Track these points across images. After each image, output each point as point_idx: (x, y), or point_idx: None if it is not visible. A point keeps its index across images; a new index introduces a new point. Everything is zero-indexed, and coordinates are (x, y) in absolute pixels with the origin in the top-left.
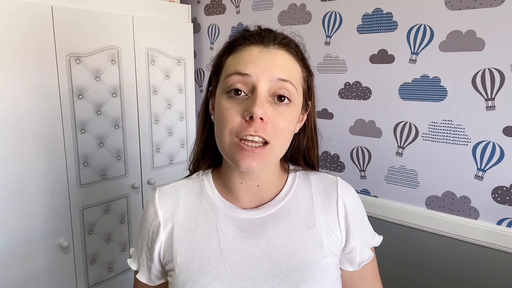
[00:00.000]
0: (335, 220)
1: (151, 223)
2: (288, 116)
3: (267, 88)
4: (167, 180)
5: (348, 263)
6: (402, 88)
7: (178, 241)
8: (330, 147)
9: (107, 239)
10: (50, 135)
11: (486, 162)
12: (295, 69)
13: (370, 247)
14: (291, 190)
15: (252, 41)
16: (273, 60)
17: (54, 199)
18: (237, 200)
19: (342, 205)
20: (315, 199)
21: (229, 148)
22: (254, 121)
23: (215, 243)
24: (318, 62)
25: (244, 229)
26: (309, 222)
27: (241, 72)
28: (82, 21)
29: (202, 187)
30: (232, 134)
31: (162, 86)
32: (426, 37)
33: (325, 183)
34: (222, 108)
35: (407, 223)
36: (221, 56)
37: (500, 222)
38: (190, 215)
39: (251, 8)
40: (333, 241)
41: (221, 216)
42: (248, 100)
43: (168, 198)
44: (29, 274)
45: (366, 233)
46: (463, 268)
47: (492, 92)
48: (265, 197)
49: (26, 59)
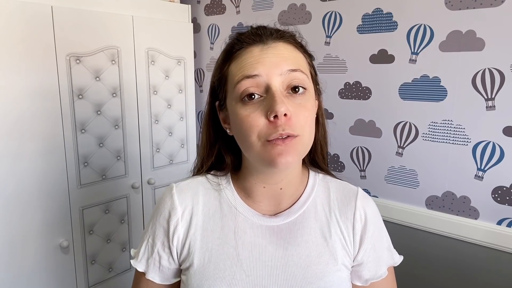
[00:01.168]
0: (350, 233)
1: (168, 218)
2: (308, 104)
3: (280, 82)
4: (167, 180)
5: (355, 277)
6: (402, 88)
7: (195, 241)
8: (330, 147)
9: (107, 239)
10: (50, 135)
11: (486, 162)
12: (299, 57)
13: (386, 265)
14: (310, 197)
15: (250, 41)
16: (277, 54)
17: (54, 199)
18: (255, 204)
19: (359, 218)
20: (332, 209)
21: (261, 151)
22: (279, 119)
23: (232, 248)
24: (318, 62)
25: (262, 236)
26: (326, 233)
27: (250, 75)
28: (82, 21)
29: (221, 189)
30: (261, 137)
31: (162, 86)
32: (426, 37)
33: (344, 193)
34: (242, 116)
35: (407, 223)
36: (221, 67)
37: (500, 222)
38: (209, 215)
39: (251, 8)
40: (346, 254)
41: (240, 220)
42: (266, 100)
43: (187, 195)
44: (29, 274)
45: (382, 250)
46: (463, 268)
47: (492, 92)
48: (284, 202)
49: (26, 59)
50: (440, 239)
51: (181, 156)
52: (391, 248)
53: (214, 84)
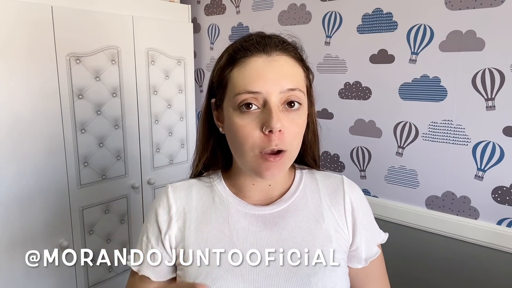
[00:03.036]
0: (342, 217)
1: (163, 216)
2: (300, 121)
3: (278, 99)
4: (167, 180)
5: (356, 260)
6: (402, 88)
7: (190, 235)
8: (330, 147)
9: (107, 239)
10: (50, 135)
11: (486, 162)
12: (299, 73)
13: (376, 243)
14: (299, 187)
15: (253, 50)
16: (279, 70)
17: (54, 199)
18: (246, 198)
19: (349, 202)
20: (322, 196)
21: (252, 162)
22: (274, 134)
23: (227, 237)
24: (318, 62)
25: (255, 224)
26: (318, 217)
27: (251, 91)
28: (82, 21)
29: (213, 185)
30: (255, 149)
31: (162, 86)
32: (426, 37)
33: (331, 180)
34: (238, 126)
35: (407, 223)
36: (223, 70)
37: (500, 222)
38: (203, 210)
39: (251, 8)
40: (341, 237)
41: (233, 211)
42: (263, 114)
43: (181, 193)
44: (29, 274)
45: (373, 230)
46: (463, 268)
47: (492, 92)
48: (274, 195)
49: (26, 59)
50: (440, 239)
51: (181, 156)
52: (377, 227)
53: (214, 83)
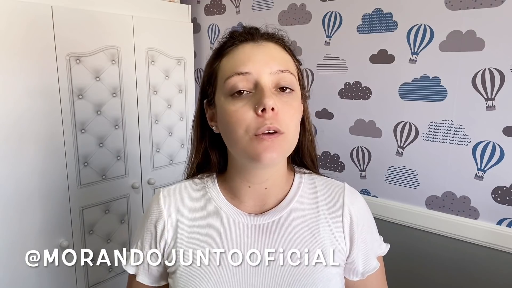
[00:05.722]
0: (340, 229)
1: (155, 223)
2: (294, 103)
3: (269, 80)
4: (167, 180)
5: (352, 273)
6: (402, 88)
7: (182, 243)
8: (330, 147)
9: (107, 239)
10: (50, 135)
11: (486, 162)
12: (289, 59)
13: (376, 256)
14: (296, 196)
15: (241, 39)
16: (268, 53)
17: (54, 199)
18: (242, 204)
19: (348, 214)
20: (320, 206)
21: (248, 145)
22: (267, 112)
23: (217, 249)
24: (318, 62)
25: (248, 234)
26: (313, 229)
27: (241, 72)
28: (82, 21)
29: (207, 190)
30: (249, 131)
31: (162, 86)
32: (426, 37)
33: (331, 189)
34: (230, 111)
35: (407, 223)
36: (212, 64)
37: (500, 222)
38: (195, 218)
39: (251, 8)
40: (337, 250)
41: (225, 221)
42: (255, 95)
43: (173, 199)
44: (29, 274)
45: (373, 242)
46: (463, 268)
47: (492, 92)
48: (270, 201)
49: (26, 59)
50: (440, 239)
51: (181, 156)
52: (379, 238)
53: (204, 81)
